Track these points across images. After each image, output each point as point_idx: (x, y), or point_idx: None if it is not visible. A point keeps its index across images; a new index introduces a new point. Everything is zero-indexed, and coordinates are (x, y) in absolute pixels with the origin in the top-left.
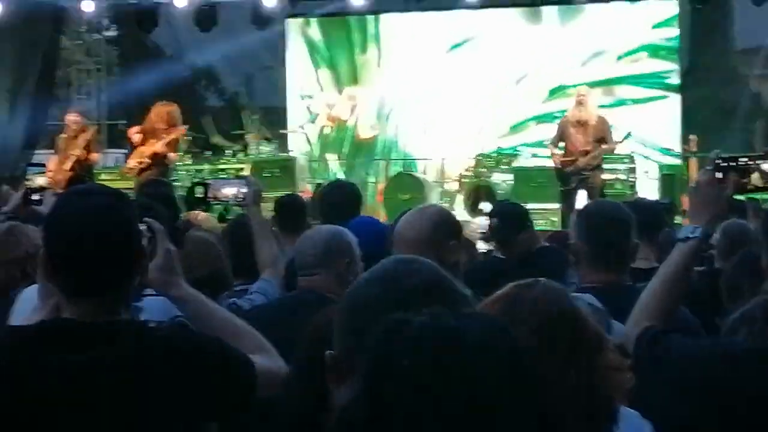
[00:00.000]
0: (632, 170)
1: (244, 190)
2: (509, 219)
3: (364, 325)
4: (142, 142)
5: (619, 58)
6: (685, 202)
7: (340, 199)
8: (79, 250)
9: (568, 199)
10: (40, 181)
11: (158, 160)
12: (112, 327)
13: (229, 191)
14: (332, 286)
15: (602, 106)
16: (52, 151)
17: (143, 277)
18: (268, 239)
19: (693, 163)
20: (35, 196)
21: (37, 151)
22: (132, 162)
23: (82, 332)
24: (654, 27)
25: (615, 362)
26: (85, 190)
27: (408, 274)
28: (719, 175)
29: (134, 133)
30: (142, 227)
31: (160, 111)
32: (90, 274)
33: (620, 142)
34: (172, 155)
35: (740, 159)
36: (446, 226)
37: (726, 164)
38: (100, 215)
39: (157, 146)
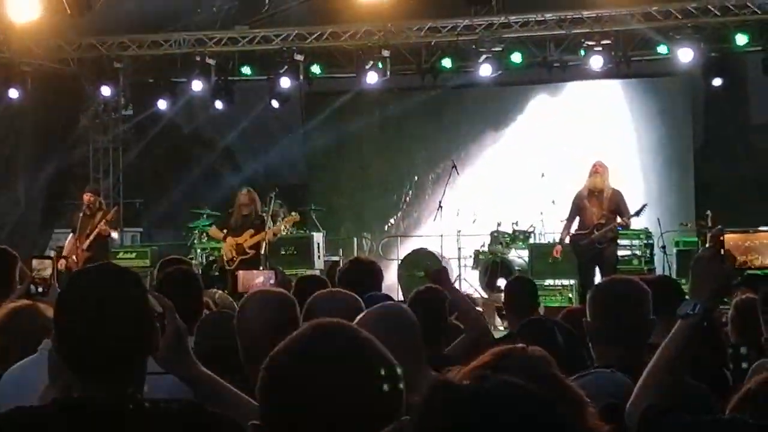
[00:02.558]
0: (649, 246)
1: (272, 281)
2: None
3: (279, 392)
4: (237, 233)
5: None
6: None
7: (359, 277)
8: (89, 330)
9: (583, 274)
10: (46, 273)
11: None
12: (125, 406)
13: (258, 281)
14: None
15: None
16: (69, 229)
17: (154, 355)
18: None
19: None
20: (40, 288)
21: (55, 230)
22: (230, 253)
23: (96, 411)
24: (668, 102)
25: (596, 426)
26: (96, 270)
27: (322, 340)
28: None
29: (221, 237)
30: (154, 303)
31: (251, 197)
32: (101, 353)
33: (636, 214)
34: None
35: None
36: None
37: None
38: (111, 295)
39: (258, 238)
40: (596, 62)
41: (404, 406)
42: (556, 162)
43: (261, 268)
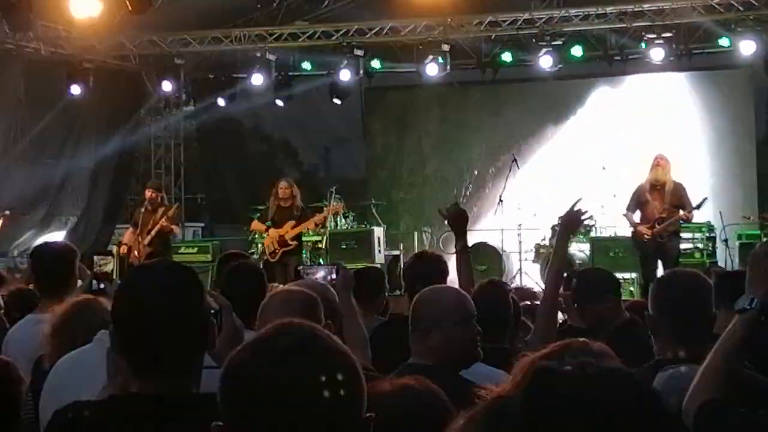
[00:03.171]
0: (711, 239)
1: (334, 276)
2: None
3: (236, 392)
4: (279, 225)
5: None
6: None
7: (424, 270)
8: (147, 327)
9: (645, 267)
10: (107, 268)
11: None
12: (183, 402)
13: (320, 275)
14: None
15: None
16: (130, 226)
17: (210, 352)
18: (357, 324)
19: None
20: (101, 285)
21: (117, 226)
22: (272, 246)
23: (153, 407)
24: (730, 95)
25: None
26: (154, 267)
27: (282, 334)
28: None
29: (263, 229)
30: (210, 301)
31: (290, 188)
32: (159, 350)
33: (697, 207)
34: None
35: None
36: (316, 309)
37: None
38: (169, 292)
39: (300, 228)
40: (657, 55)
41: (364, 401)
42: (617, 155)
43: (317, 262)
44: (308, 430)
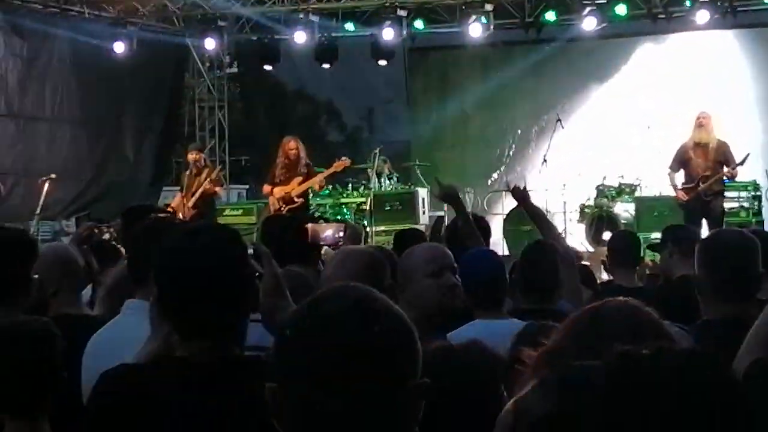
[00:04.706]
0: (757, 198)
1: (341, 233)
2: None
3: (291, 352)
4: (285, 183)
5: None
6: None
7: (467, 233)
8: (188, 291)
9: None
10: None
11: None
12: (229, 365)
13: (329, 234)
14: None
15: None
16: (178, 187)
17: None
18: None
19: None
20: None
21: (164, 188)
22: (277, 203)
23: (198, 370)
24: None
25: None
26: (194, 230)
27: (335, 296)
28: None
29: (270, 191)
30: (251, 251)
31: (292, 146)
32: (201, 313)
33: (741, 163)
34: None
35: None
36: (375, 269)
37: None
38: (209, 254)
39: (308, 185)
40: (702, 14)
41: (419, 366)
42: (662, 114)
43: (362, 223)
44: (362, 393)
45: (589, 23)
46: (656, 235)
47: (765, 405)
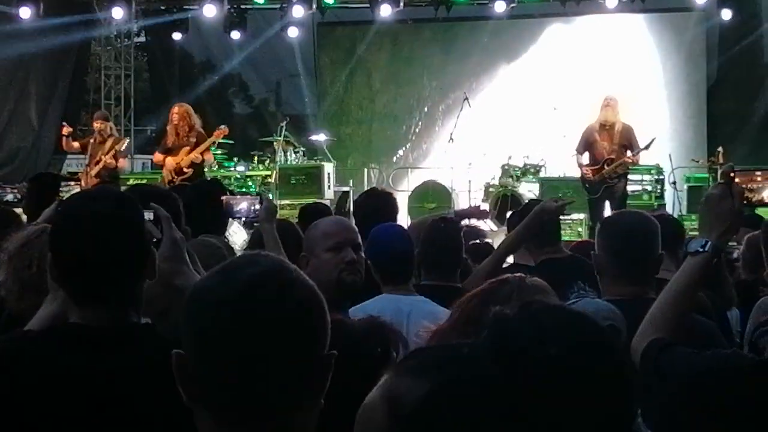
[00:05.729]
0: (659, 181)
1: (257, 206)
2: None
3: (198, 317)
4: (175, 153)
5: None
6: None
7: (374, 208)
8: (83, 256)
9: (593, 208)
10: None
11: (197, 166)
12: (124, 332)
13: (243, 206)
14: None
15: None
16: (83, 155)
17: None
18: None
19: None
20: None
21: (68, 156)
22: (169, 175)
23: (95, 338)
24: (682, 38)
25: None
26: (90, 195)
27: (247, 265)
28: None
29: (161, 160)
30: (149, 215)
31: (180, 112)
32: (96, 279)
33: (645, 147)
34: (209, 158)
35: (756, 173)
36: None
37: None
38: (105, 220)
39: (194, 155)
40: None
41: (327, 337)
42: (569, 96)
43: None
44: (269, 361)
45: (499, 5)
46: (560, 217)
47: (652, 379)
